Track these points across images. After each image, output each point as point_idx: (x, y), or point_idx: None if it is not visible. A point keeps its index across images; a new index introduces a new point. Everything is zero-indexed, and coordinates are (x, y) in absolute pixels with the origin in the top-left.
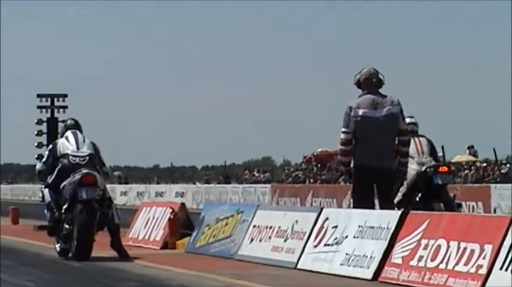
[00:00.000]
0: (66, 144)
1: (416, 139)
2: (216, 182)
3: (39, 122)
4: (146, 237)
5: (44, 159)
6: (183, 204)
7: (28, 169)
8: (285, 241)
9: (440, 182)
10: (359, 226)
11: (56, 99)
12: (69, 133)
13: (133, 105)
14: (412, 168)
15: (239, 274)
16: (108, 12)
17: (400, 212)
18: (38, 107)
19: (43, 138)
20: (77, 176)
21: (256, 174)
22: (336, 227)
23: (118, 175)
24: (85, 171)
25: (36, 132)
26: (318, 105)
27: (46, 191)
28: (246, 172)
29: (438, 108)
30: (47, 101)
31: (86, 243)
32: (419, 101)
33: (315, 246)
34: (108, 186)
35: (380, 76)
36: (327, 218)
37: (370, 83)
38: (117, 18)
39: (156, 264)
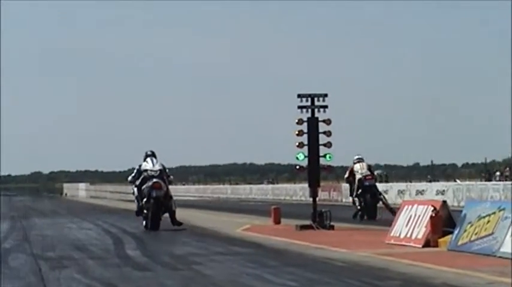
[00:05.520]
0: (146, 164)
1: (361, 163)
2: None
3: (300, 121)
4: (408, 235)
5: (133, 174)
6: (444, 202)
7: (289, 168)
8: None
9: (367, 183)
10: None
11: (316, 99)
12: (148, 159)
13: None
14: (357, 177)
15: (502, 272)
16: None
17: None
18: (299, 107)
19: (303, 138)
20: (150, 183)
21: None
22: None
23: (379, 174)
24: (155, 180)
25: (297, 132)
26: None
27: (135, 189)
28: (507, 169)
29: None
30: (307, 101)
31: (156, 222)
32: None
33: None
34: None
35: None
36: None
37: None
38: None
39: (419, 262)
